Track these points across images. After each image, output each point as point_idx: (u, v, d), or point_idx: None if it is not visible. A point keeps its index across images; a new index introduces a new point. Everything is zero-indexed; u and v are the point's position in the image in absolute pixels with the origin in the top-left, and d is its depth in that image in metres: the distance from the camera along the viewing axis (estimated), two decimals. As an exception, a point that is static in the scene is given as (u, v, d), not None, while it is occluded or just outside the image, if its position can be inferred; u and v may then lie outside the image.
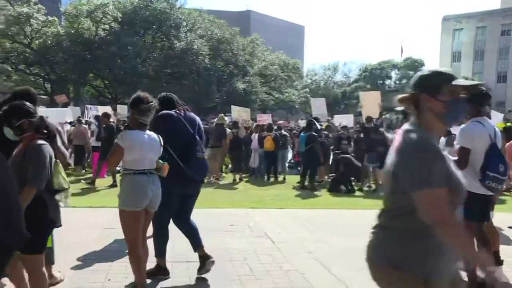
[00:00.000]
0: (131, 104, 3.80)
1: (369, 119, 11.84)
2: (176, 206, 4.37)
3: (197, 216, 7.06)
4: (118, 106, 18.82)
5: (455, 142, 4.22)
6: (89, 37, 33.54)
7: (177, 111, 4.34)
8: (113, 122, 11.44)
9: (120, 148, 3.64)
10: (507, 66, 60.67)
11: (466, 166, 3.96)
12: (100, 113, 14.93)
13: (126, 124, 4.68)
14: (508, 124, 10.24)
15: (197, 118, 4.58)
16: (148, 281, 4.09)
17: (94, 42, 33.78)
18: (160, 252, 4.38)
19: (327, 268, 4.85)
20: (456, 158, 4.24)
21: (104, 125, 11.09)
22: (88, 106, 19.28)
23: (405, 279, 1.88)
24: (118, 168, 3.97)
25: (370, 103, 14.08)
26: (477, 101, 4.11)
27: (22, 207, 2.66)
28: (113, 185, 10.06)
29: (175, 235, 4.58)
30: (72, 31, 33.19)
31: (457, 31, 66.21)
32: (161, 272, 4.36)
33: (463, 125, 4.18)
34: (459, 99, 1.95)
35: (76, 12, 33.27)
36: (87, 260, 4.80)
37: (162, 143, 3.91)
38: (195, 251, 4.50)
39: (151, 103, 3.80)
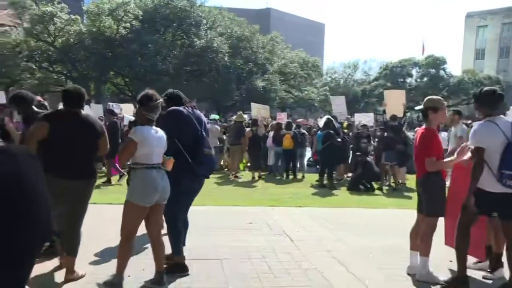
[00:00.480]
0: (140, 101, 3.93)
1: (394, 117, 11.62)
2: (185, 201, 4.43)
3: (216, 214, 7.15)
4: (139, 104, 18.95)
5: (468, 143, 4.17)
6: (110, 35, 33.87)
7: (186, 108, 4.43)
8: (116, 118, 11.43)
9: (133, 143, 3.76)
10: (534, 64, 59.15)
11: (482, 166, 3.93)
12: (123, 111, 15.16)
13: (133, 120, 4.80)
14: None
15: (203, 116, 4.68)
16: (167, 278, 4.12)
17: (115, 40, 34.13)
18: (177, 249, 4.41)
19: (345, 266, 4.82)
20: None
21: (107, 122, 11.09)
22: (110, 103, 19.46)
23: None
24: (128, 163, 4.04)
25: (394, 102, 13.86)
26: (489, 100, 4.07)
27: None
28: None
29: (191, 232, 4.59)
30: (94, 29, 33.54)
31: (481, 28, 64.80)
32: (179, 269, 4.38)
33: (474, 126, 4.17)
34: None
35: (98, 11, 33.63)
36: (105, 256, 4.86)
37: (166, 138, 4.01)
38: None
39: (159, 101, 3.96)
